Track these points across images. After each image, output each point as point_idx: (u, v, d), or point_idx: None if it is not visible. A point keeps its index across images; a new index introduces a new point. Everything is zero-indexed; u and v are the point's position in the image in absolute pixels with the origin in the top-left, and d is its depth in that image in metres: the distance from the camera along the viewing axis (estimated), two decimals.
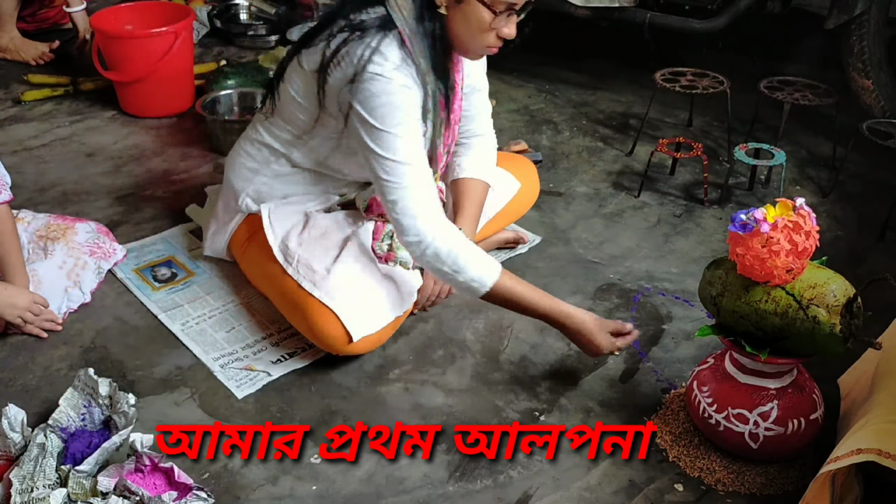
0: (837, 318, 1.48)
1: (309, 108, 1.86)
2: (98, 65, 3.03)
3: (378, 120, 1.72)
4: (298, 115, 1.89)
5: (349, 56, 1.73)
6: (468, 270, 1.76)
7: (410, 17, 1.73)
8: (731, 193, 2.66)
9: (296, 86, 1.86)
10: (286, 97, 1.89)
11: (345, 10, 1.78)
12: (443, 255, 1.75)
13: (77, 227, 2.17)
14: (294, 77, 1.86)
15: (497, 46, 1.80)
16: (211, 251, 2.20)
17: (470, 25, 1.74)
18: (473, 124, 2.10)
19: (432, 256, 1.76)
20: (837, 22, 2.77)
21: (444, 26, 1.75)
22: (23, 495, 1.52)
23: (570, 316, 1.83)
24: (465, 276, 1.77)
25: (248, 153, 2.02)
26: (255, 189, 2.02)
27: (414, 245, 1.77)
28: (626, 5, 3.16)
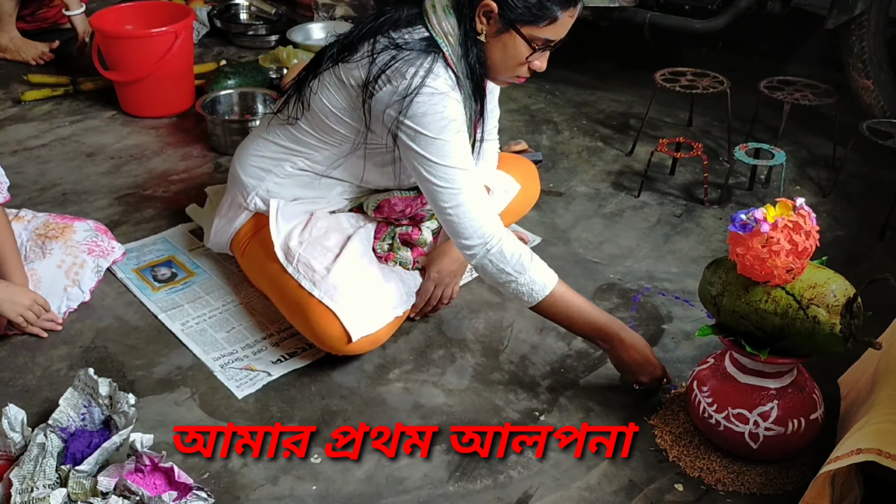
0: (837, 317, 1.48)
1: (346, 121, 1.86)
2: (98, 65, 3.04)
3: (433, 131, 1.73)
4: (331, 125, 1.88)
5: (399, 74, 1.74)
6: (530, 272, 1.76)
7: (456, 43, 1.77)
8: (731, 193, 2.66)
9: (333, 99, 1.85)
10: (319, 106, 1.88)
11: (384, 27, 1.80)
12: (507, 254, 1.75)
13: (75, 226, 2.17)
14: (331, 89, 1.85)
15: (526, 77, 1.85)
16: (213, 245, 2.20)
17: (506, 56, 1.78)
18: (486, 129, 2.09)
19: (496, 255, 1.75)
20: (837, 22, 2.77)
21: (482, 53, 1.79)
22: (23, 495, 1.52)
23: (626, 329, 1.80)
24: (527, 277, 1.76)
25: (261, 153, 2.01)
26: (267, 188, 2.02)
27: (477, 247, 1.76)
28: (627, 5, 3.16)
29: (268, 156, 2.00)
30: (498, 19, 1.73)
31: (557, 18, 1.72)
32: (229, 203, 2.11)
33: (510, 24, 1.73)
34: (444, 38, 1.77)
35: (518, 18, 1.72)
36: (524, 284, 1.77)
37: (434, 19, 1.77)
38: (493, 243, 1.76)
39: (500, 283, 1.79)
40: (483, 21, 1.75)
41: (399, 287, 1.95)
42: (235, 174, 2.07)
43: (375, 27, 1.81)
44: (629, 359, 1.79)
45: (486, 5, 1.72)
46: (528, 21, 1.72)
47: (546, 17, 1.71)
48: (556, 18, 1.72)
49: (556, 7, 1.71)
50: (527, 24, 1.72)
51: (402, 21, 1.80)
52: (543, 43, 1.76)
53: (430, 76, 1.73)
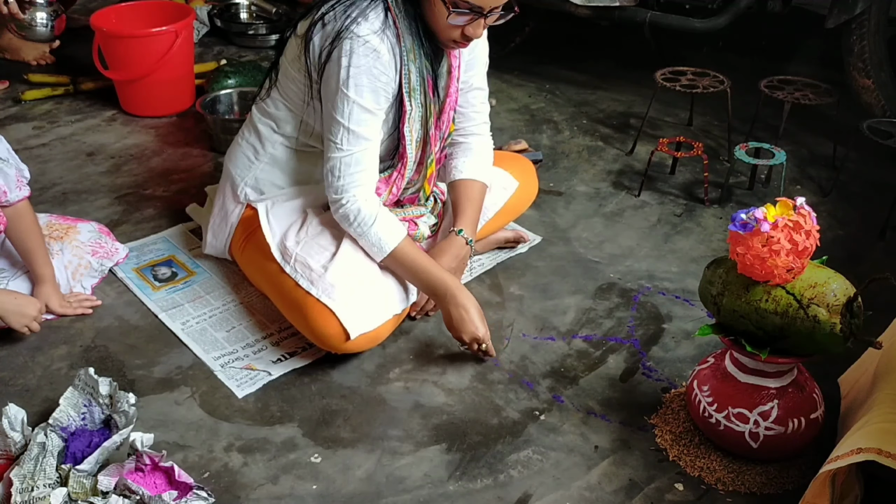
0: (838, 317, 1.48)
1: (297, 75, 1.91)
2: (98, 64, 3.03)
3: (339, 80, 1.79)
4: (290, 85, 1.94)
5: (334, 17, 1.78)
6: (376, 228, 1.88)
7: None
8: (731, 193, 2.66)
9: (289, 52, 1.92)
10: (283, 69, 1.95)
11: None
12: (351, 216, 1.87)
13: (79, 227, 2.18)
14: (288, 48, 1.93)
15: (463, 44, 1.84)
16: (211, 249, 2.20)
17: (434, 16, 1.79)
18: (471, 123, 2.11)
19: (348, 213, 1.87)
20: (838, 21, 2.77)
21: (420, 8, 1.80)
22: (23, 494, 1.52)
23: (461, 289, 1.89)
24: (373, 232, 1.88)
25: (246, 141, 2.07)
26: (254, 176, 2.04)
27: (335, 203, 1.89)
28: (627, 4, 3.15)
29: (252, 142, 2.05)
30: None
31: None
32: (221, 202, 2.12)
33: None
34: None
35: None
36: (371, 238, 1.89)
37: None
38: (345, 201, 1.87)
39: (355, 237, 1.91)
40: None
41: (397, 285, 1.95)
42: (226, 170, 2.11)
43: None
44: (456, 315, 1.87)
45: None
46: None
47: None
48: None
49: None
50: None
51: None
52: (467, 7, 1.73)
53: (358, 21, 1.76)
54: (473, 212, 2.06)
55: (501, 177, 2.23)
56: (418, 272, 1.90)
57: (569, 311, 2.13)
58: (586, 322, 2.09)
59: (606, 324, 2.09)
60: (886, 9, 2.80)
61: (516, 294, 2.19)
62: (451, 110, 2.01)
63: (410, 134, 1.94)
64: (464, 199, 2.06)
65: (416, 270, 1.90)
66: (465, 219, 2.04)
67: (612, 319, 2.10)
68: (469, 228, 2.03)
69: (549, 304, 2.15)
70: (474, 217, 2.06)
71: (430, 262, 1.91)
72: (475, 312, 1.88)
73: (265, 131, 2.02)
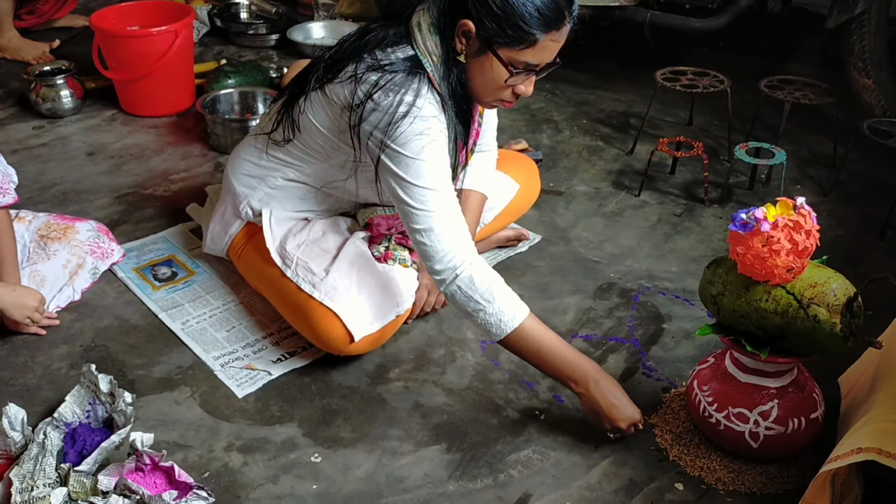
0: (838, 317, 1.48)
1: (332, 139, 1.84)
2: (98, 64, 3.03)
3: (412, 151, 1.69)
4: (319, 142, 1.87)
5: (385, 97, 1.69)
6: (499, 302, 1.67)
7: (439, 63, 1.72)
8: (731, 192, 2.66)
9: (320, 117, 1.82)
10: (307, 124, 1.85)
11: (368, 47, 1.74)
12: (476, 282, 1.67)
13: (77, 226, 2.18)
14: (317, 107, 1.82)
15: (511, 102, 1.79)
16: (210, 250, 2.20)
17: (485, 79, 1.72)
18: (481, 140, 2.09)
19: (465, 282, 1.67)
20: (838, 21, 2.77)
21: (463, 75, 1.74)
22: (23, 494, 1.52)
23: (601, 371, 1.69)
24: (495, 307, 1.67)
25: (251, 162, 2.00)
26: (258, 199, 2.01)
27: (446, 271, 1.69)
28: (627, 4, 3.16)
29: (259, 164, 1.99)
30: (476, 40, 1.66)
31: (537, 41, 1.63)
32: (223, 211, 2.11)
33: (487, 45, 1.65)
34: (429, 57, 1.71)
35: (494, 40, 1.63)
36: (492, 314, 1.67)
37: (419, 38, 1.71)
38: (461, 269, 1.68)
39: (468, 311, 1.70)
40: (462, 41, 1.68)
41: (398, 286, 1.95)
42: (228, 182, 2.06)
43: (360, 46, 1.75)
44: (606, 404, 1.66)
45: (464, 24, 1.64)
46: (506, 43, 1.63)
47: (525, 40, 1.62)
48: (536, 41, 1.63)
49: (536, 30, 1.62)
50: (504, 47, 1.64)
51: (388, 40, 1.74)
52: (524, 67, 1.68)
53: (419, 100, 1.68)
54: (472, 222, 2.05)
55: (502, 180, 2.23)
56: (547, 354, 1.68)
57: (569, 311, 2.13)
58: (586, 322, 2.09)
59: (606, 323, 2.09)
60: (886, 9, 2.80)
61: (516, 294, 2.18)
62: (469, 153, 1.97)
63: None
64: (462, 209, 2.05)
65: (543, 352, 1.68)
66: None
67: (612, 319, 2.10)
68: None
69: (549, 304, 2.15)
70: (472, 227, 2.05)
71: (561, 342, 1.69)
72: (623, 394, 1.68)
73: (276, 164, 1.96)
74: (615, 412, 1.66)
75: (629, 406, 1.67)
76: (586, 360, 1.70)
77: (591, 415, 1.71)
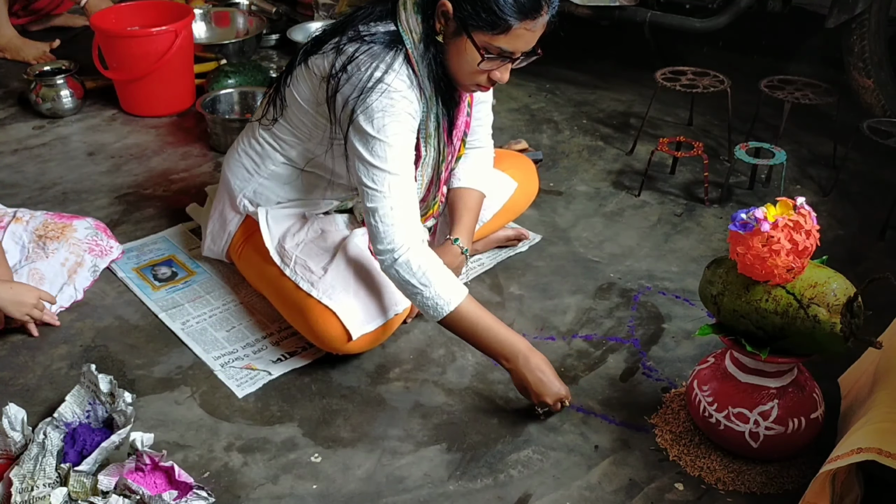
0: (838, 317, 1.48)
1: (311, 112, 1.87)
2: (98, 64, 3.03)
3: (376, 128, 1.72)
4: (301, 117, 1.90)
5: (360, 67, 1.73)
6: (435, 286, 1.71)
7: (419, 42, 1.75)
8: (731, 192, 2.66)
9: (302, 91, 1.87)
10: (291, 100, 1.90)
11: (355, 22, 1.79)
12: (414, 266, 1.71)
13: (75, 224, 2.18)
14: (300, 80, 1.87)
15: (488, 87, 1.81)
16: (209, 252, 2.20)
17: (461, 61, 1.74)
18: (475, 136, 2.10)
19: (403, 266, 1.72)
20: (838, 21, 2.77)
21: (442, 55, 1.77)
22: (23, 494, 1.52)
23: (532, 348, 1.74)
24: (432, 291, 1.71)
25: (246, 153, 2.03)
26: (253, 190, 2.03)
27: (386, 253, 1.73)
28: (627, 4, 3.16)
29: (252, 156, 2.02)
30: (453, 21, 1.69)
31: (511, 28, 1.65)
32: (220, 209, 2.12)
33: (463, 27, 1.67)
34: (409, 34, 1.75)
35: (469, 22, 1.66)
36: (429, 298, 1.71)
37: (403, 16, 1.76)
38: (400, 253, 1.71)
39: (406, 293, 1.75)
40: (441, 21, 1.72)
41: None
42: (224, 177, 2.09)
43: (347, 21, 1.81)
44: (533, 379, 1.72)
45: (443, 5, 1.68)
46: (481, 27, 1.66)
47: (498, 25, 1.64)
48: (510, 28, 1.65)
49: (510, 16, 1.63)
50: (479, 30, 1.66)
51: (373, 15, 1.79)
52: (498, 52, 1.69)
53: (389, 73, 1.72)
54: (470, 221, 2.06)
55: (500, 178, 2.23)
56: (481, 334, 1.74)
57: (569, 311, 2.13)
58: (586, 322, 2.09)
59: (606, 323, 2.09)
60: (886, 8, 2.80)
61: (516, 294, 2.19)
62: (459, 140, 1.99)
63: (422, 178, 1.93)
64: (461, 208, 2.06)
65: (477, 332, 1.73)
66: (462, 227, 2.04)
67: (612, 319, 2.10)
68: (465, 237, 2.03)
69: (549, 304, 2.15)
70: (470, 226, 2.06)
71: (493, 321, 1.74)
72: (551, 371, 1.74)
73: (267, 150, 1.99)
74: (542, 387, 1.72)
75: (556, 383, 1.73)
76: (518, 338, 1.75)
77: (520, 391, 1.77)
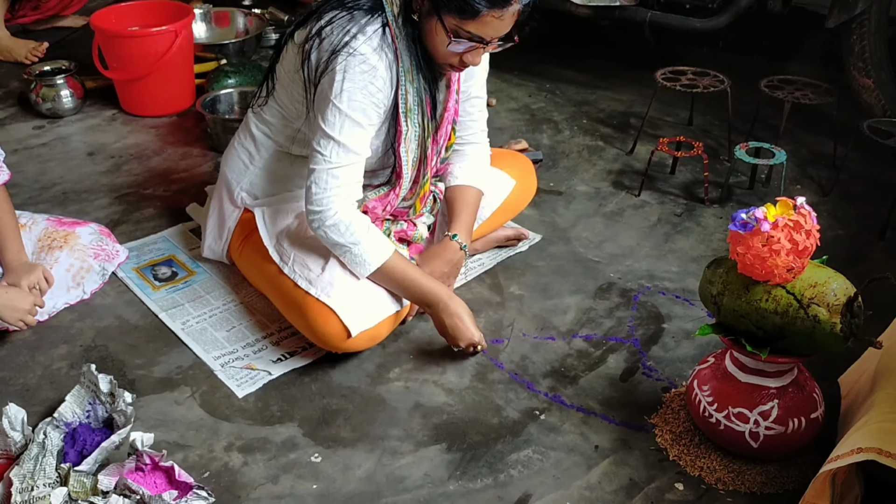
0: (838, 317, 1.48)
1: (294, 87, 1.90)
2: (98, 64, 3.03)
3: (335, 93, 1.76)
4: (287, 95, 1.93)
5: (333, 31, 1.77)
6: (364, 243, 1.82)
7: (398, 15, 1.79)
8: (731, 192, 2.66)
9: (287, 62, 1.90)
10: (279, 74, 1.94)
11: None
12: (342, 227, 1.81)
13: (78, 232, 2.16)
14: (287, 54, 1.91)
15: (459, 69, 1.84)
16: (209, 252, 2.20)
17: (433, 41, 1.78)
18: (468, 131, 2.11)
19: (331, 228, 1.81)
20: (838, 21, 2.77)
21: (418, 31, 1.80)
22: (23, 494, 1.52)
23: (453, 297, 1.89)
24: (360, 248, 1.83)
25: (242, 145, 2.06)
26: (249, 181, 2.05)
27: (315, 214, 1.82)
28: (627, 4, 3.16)
29: (247, 146, 2.05)
30: (427, 1, 1.73)
31: (479, 13, 1.68)
32: (219, 205, 2.12)
33: (435, 7, 1.72)
34: (390, 5, 1.78)
35: (440, 4, 1.70)
36: (357, 255, 1.84)
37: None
38: (329, 216, 1.81)
39: (338, 252, 1.85)
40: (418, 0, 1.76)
41: None
42: (222, 173, 2.11)
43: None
44: (450, 323, 1.88)
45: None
46: (451, 10, 1.70)
47: (467, 10, 1.68)
48: (478, 13, 1.68)
49: (479, 3, 1.67)
50: (449, 14, 1.70)
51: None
52: (468, 37, 1.73)
53: (359, 36, 1.75)
54: (468, 217, 2.06)
55: (498, 176, 2.23)
56: (407, 285, 1.89)
57: (569, 311, 2.13)
58: (586, 322, 2.09)
59: (606, 323, 2.09)
60: (886, 8, 2.80)
61: (516, 294, 2.19)
62: (449, 124, 2.00)
63: (406, 154, 1.94)
64: (459, 205, 2.06)
65: (405, 283, 1.89)
66: (460, 224, 2.04)
67: (612, 319, 2.10)
68: (464, 234, 2.03)
69: (549, 304, 2.15)
70: (469, 222, 2.06)
71: (418, 274, 1.90)
72: (468, 318, 1.90)
73: (260, 137, 2.03)
74: (457, 332, 1.89)
75: (471, 328, 1.90)
76: (441, 287, 1.90)
77: (441, 333, 1.93)
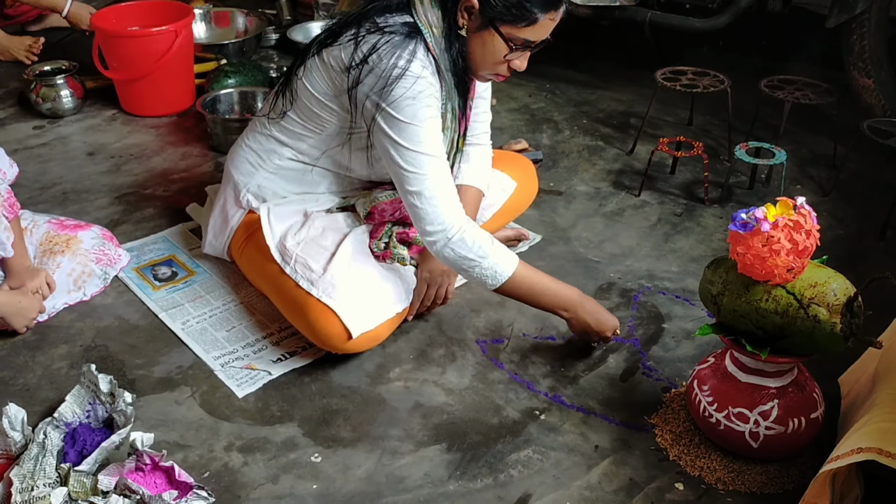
0: (838, 317, 1.48)
1: (329, 105, 1.88)
2: (98, 64, 3.03)
3: (407, 115, 1.75)
4: (314, 109, 1.91)
5: (381, 58, 1.75)
6: (492, 256, 1.79)
7: (439, 35, 1.79)
8: (731, 192, 2.66)
9: (316, 84, 1.87)
10: (304, 93, 1.90)
11: (370, 14, 1.81)
12: (469, 241, 1.78)
13: (80, 236, 2.15)
14: (315, 74, 1.88)
15: (506, 75, 1.85)
16: (210, 249, 2.20)
17: (486, 53, 1.79)
18: (474, 133, 2.11)
19: (457, 243, 1.78)
20: (838, 21, 2.77)
21: (464, 48, 1.80)
22: (23, 494, 1.52)
23: (583, 294, 1.89)
24: (490, 261, 1.79)
25: (251, 147, 2.04)
26: (257, 184, 2.03)
27: (437, 234, 1.79)
28: (627, 4, 3.16)
29: (257, 150, 2.02)
30: (479, 16, 1.74)
31: (537, 20, 1.72)
32: (222, 205, 2.12)
33: (490, 21, 1.74)
34: (430, 29, 1.78)
35: (497, 17, 1.73)
36: (488, 268, 1.80)
37: (420, 9, 1.79)
38: (453, 231, 1.78)
39: (463, 268, 1.82)
40: (465, 16, 1.76)
41: (397, 283, 1.95)
42: (228, 173, 2.09)
43: (363, 13, 1.83)
44: (594, 321, 1.89)
45: (468, 1, 1.73)
46: (508, 20, 1.72)
47: (525, 17, 1.72)
48: (536, 20, 1.72)
49: (537, 9, 1.71)
50: (506, 24, 1.73)
51: (390, 7, 1.81)
52: (522, 43, 1.76)
53: (413, 63, 1.74)
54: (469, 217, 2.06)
55: (499, 178, 2.24)
56: (539, 291, 1.86)
57: None
58: None
59: None
60: (886, 8, 2.80)
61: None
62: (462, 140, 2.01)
63: None
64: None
65: (536, 291, 1.86)
66: None
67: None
68: None
69: None
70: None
71: (548, 279, 1.88)
72: (603, 309, 1.92)
73: (273, 144, 2.00)
74: (602, 326, 1.90)
75: (610, 317, 1.91)
76: (570, 290, 1.90)
77: (580, 334, 1.93)
